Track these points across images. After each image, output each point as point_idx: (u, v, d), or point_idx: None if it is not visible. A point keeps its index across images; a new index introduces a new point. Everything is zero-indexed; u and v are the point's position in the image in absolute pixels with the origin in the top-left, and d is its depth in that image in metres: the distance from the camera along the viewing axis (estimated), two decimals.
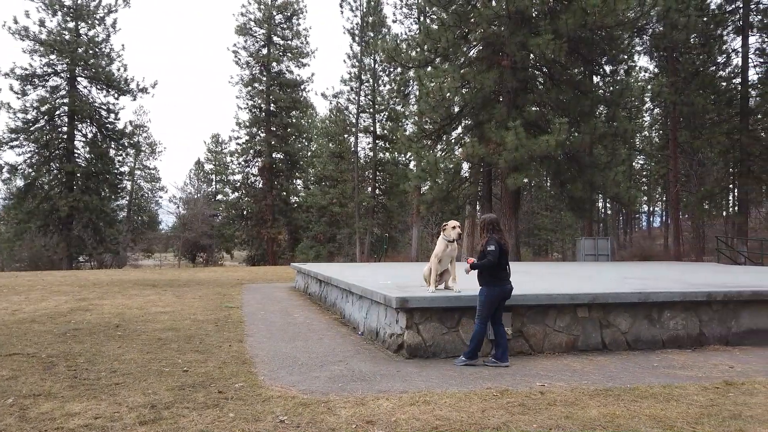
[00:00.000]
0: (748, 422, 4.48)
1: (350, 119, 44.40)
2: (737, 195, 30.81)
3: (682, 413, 4.71)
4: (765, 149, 27.80)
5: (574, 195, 22.02)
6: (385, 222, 45.79)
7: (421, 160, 23.11)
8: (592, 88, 23.65)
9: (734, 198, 33.61)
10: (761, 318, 7.99)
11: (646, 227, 58.22)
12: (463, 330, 7.10)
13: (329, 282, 11.43)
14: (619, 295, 7.51)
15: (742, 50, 27.75)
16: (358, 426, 4.30)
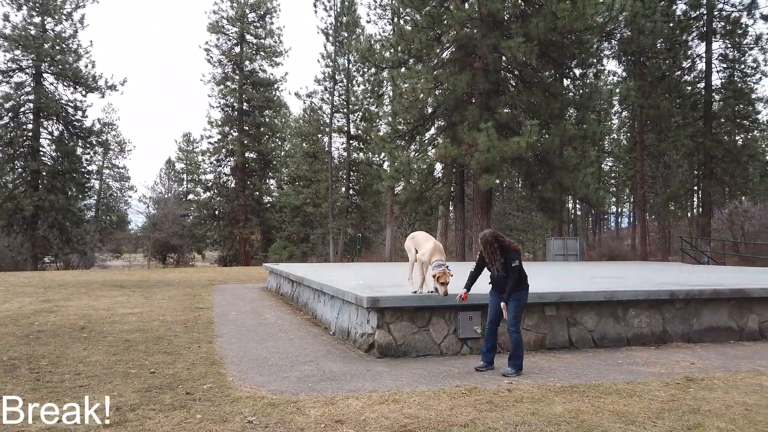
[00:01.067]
0: (706, 416, 4.62)
1: (324, 119, 44.26)
2: (701, 196, 31.71)
3: (644, 408, 4.84)
4: (727, 152, 28.68)
5: (545, 196, 22.37)
6: (359, 222, 45.76)
7: (394, 160, 23.16)
8: (562, 91, 24.05)
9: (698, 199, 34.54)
10: (721, 316, 8.25)
11: (614, 228, 59.44)
12: (434, 329, 7.16)
13: (301, 282, 11.39)
14: (586, 293, 7.67)
15: (705, 56, 28.58)
16: (327, 425, 4.30)
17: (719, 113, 29.45)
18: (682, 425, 4.41)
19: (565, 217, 41.96)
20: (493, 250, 6.09)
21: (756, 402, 5.05)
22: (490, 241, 6.12)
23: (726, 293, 8.23)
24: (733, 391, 5.44)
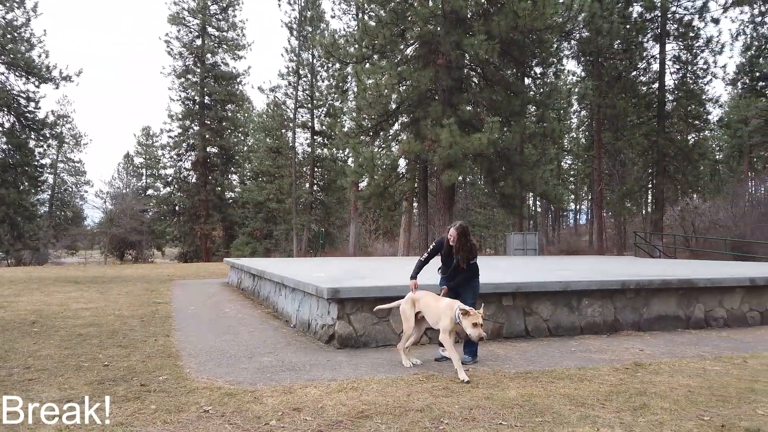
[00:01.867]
0: (651, 398, 4.83)
1: (288, 114, 43.90)
2: (654, 193, 32.82)
3: (593, 391, 5.02)
4: (679, 151, 29.76)
5: (505, 192, 22.77)
6: (323, 218, 45.60)
7: (358, 156, 23.18)
8: (523, 89, 24.50)
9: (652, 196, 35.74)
10: (669, 305, 8.60)
11: (572, 224, 60.95)
12: (394, 320, 7.23)
13: (262, 276, 11.31)
14: (542, 284, 7.87)
15: (659, 57, 29.54)
16: (285, 413, 4.31)
17: (672, 113, 30.52)
18: (629, 406, 4.59)
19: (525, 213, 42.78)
20: (466, 241, 6.19)
21: (698, 384, 5.29)
22: (467, 232, 6.22)
23: (674, 283, 8.57)
24: (677, 375, 5.69)
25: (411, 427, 4.03)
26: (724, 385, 5.28)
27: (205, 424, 4.03)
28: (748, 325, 9.04)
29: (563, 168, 50.87)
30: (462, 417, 4.27)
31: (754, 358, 6.49)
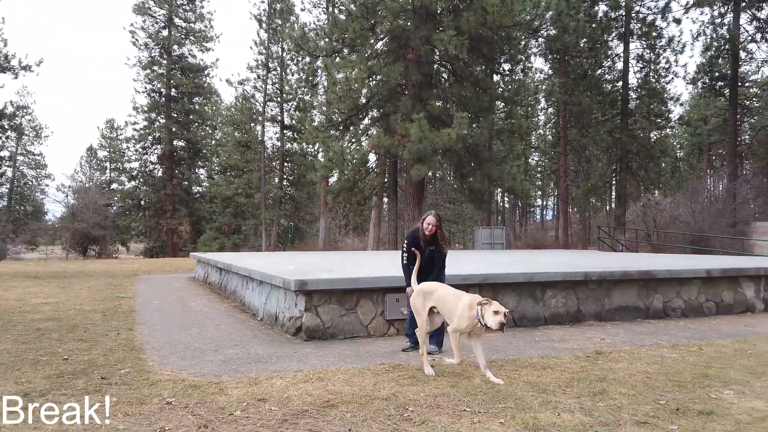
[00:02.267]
0: (611, 384, 4.97)
1: (257, 108, 43.39)
2: (617, 189, 33.64)
3: (555, 378, 5.14)
4: (641, 147, 30.54)
5: (474, 187, 23.00)
6: (293, 213, 45.30)
7: (328, 150, 23.08)
8: (492, 85, 24.74)
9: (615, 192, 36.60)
10: (630, 296, 8.84)
11: (539, 220, 62.02)
12: (362, 311, 7.25)
13: (229, 269, 11.19)
14: (508, 275, 8.00)
15: (623, 55, 30.23)
16: (249, 404, 4.29)
17: (635, 111, 31.28)
18: (589, 392, 4.72)
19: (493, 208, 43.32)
20: (442, 229, 6.23)
21: (656, 371, 5.47)
22: (441, 220, 6.27)
23: (634, 275, 8.82)
24: (636, 362, 5.86)
25: (376, 414, 4.06)
26: (680, 371, 5.46)
27: (168, 416, 3.98)
28: (705, 315, 9.36)
29: (530, 164, 51.67)
30: (427, 404, 4.32)
31: (708, 346, 6.73)
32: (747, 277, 9.84)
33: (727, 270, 9.62)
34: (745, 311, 9.74)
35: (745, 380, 5.11)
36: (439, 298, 5.44)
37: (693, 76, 32.32)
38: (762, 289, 9.98)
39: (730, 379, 5.15)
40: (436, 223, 6.09)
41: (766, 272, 9.97)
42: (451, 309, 5.27)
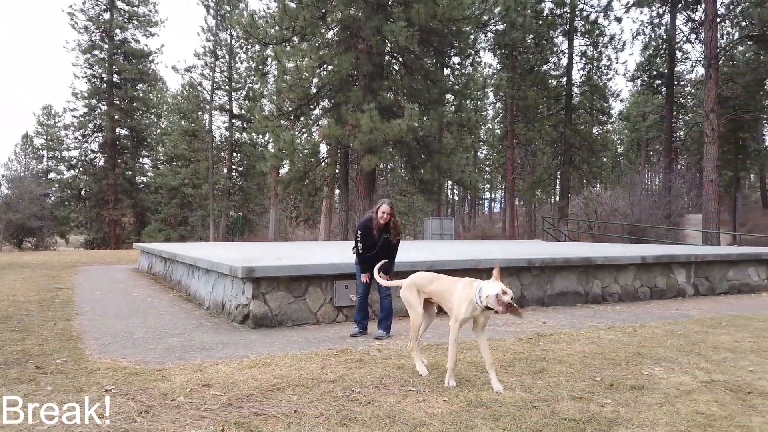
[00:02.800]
0: (550, 363, 5.17)
1: (204, 96, 42.31)
2: (561, 182, 34.75)
3: (498, 359, 5.31)
4: (584, 142, 31.64)
5: (424, 178, 23.24)
6: (242, 204, 44.52)
7: (278, 140, 22.76)
8: (442, 78, 25.00)
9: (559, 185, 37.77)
10: (570, 282, 9.18)
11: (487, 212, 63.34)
12: (310, 298, 7.24)
13: (174, 259, 10.92)
14: (454, 262, 8.15)
15: (568, 52, 31.18)
16: (193, 389, 4.23)
17: (578, 106, 32.34)
18: (529, 371, 4.90)
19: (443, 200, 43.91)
20: (395, 219, 6.26)
21: (592, 351, 5.72)
22: (394, 211, 6.28)
23: (575, 261, 9.16)
24: (575, 343, 6.11)
25: (323, 396, 4.08)
26: (615, 350, 5.74)
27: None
28: (640, 299, 9.83)
29: (479, 158, 52.59)
30: (373, 386, 4.38)
31: (642, 328, 7.09)
32: (679, 263, 10.39)
33: (660, 257, 10.12)
34: (676, 296, 10.29)
35: (674, 358, 5.42)
36: (437, 289, 4.89)
37: (632, 73, 33.70)
38: (692, 275, 10.57)
39: (661, 357, 5.45)
40: (390, 211, 6.17)
41: (696, 259, 10.56)
42: (449, 298, 4.70)
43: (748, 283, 11.24)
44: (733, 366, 5.12)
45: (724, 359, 5.39)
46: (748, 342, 6.22)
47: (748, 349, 5.84)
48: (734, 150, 34.41)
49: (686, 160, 39.96)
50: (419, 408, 3.85)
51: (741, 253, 11.40)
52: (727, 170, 34.38)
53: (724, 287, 10.89)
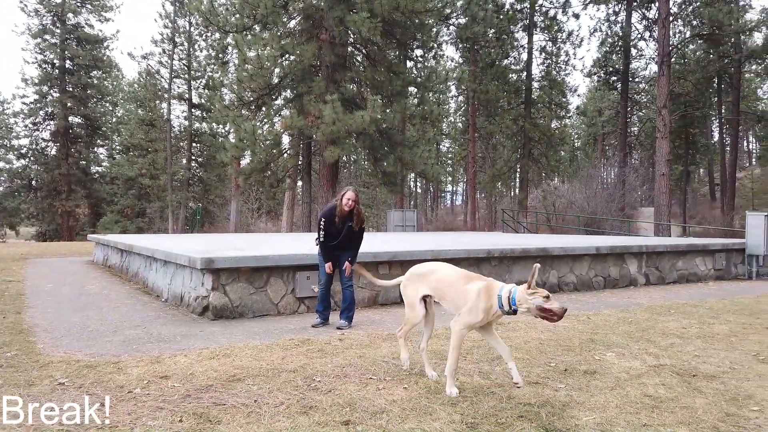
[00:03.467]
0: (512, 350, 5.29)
1: (162, 84, 41.24)
2: (521, 175, 35.42)
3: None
4: (542, 135, 32.29)
5: (387, 170, 23.27)
6: (202, 195, 43.69)
7: (239, 130, 22.38)
8: (404, 70, 25.04)
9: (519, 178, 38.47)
10: (528, 271, 9.37)
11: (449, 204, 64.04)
12: (272, 289, 7.20)
13: (131, 250, 10.65)
14: (415, 252, 8.23)
15: (527, 47, 31.69)
16: (151, 381, 4.17)
17: (538, 100, 32.95)
18: (487, 358, 5.02)
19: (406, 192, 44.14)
20: (359, 207, 6.26)
21: (548, 338, 5.89)
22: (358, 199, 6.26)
23: (533, 251, 9.39)
24: (531, 331, 6.27)
25: (283, 386, 4.09)
26: (569, 337, 5.92)
27: (60, 396, 3.78)
28: (594, 288, 10.16)
29: (442, 150, 53.03)
30: (334, 374, 4.41)
31: (596, 316, 7.33)
32: (631, 254, 10.77)
33: (614, 248, 10.47)
34: (629, 285, 10.67)
35: (625, 344, 5.64)
36: (439, 282, 4.36)
37: (589, 69, 34.55)
38: (644, 265, 10.97)
39: (613, 343, 5.66)
40: (355, 198, 6.16)
41: (647, 250, 10.96)
42: (457, 296, 4.15)
43: (696, 273, 11.74)
44: (680, 351, 5.37)
45: (672, 345, 5.63)
46: (694, 328, 6.52)
47: (694, 335, 6.13)
48: (684, 145, 35.73)
49: (640, 154, 41.26)
50: (379, 395, 3.90)
51: (690, 244, 11.89)
52: (677, 165, 35.68)
53: (673, 276, 11.35)
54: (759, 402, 3.88)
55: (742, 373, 4.62)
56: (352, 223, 6.25)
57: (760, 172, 40.23)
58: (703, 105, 35.19)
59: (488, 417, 3.51)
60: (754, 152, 51.04)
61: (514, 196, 43.50)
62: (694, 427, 3.39)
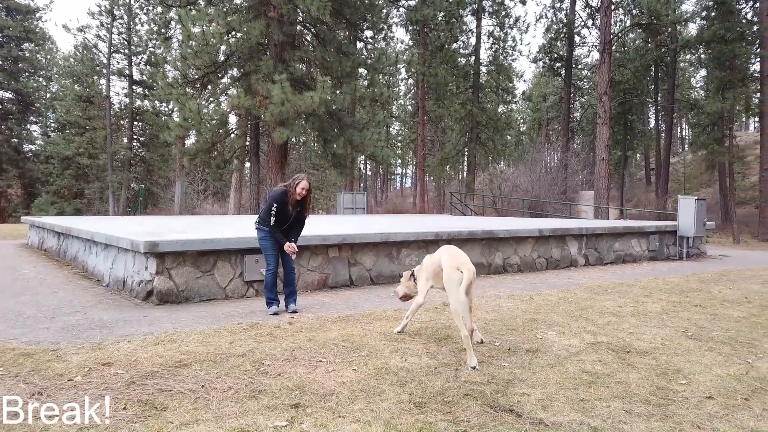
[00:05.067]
0: (454, 330, 5.43)
1: (101, 59, 39.29)
2: (468, 159, 35.98)
3: (406, 328, 5.50)
4: (489, 119, 32.84)
5: (337, 152, 23.15)
6: (145, 176, 42.17)
7: (183, 108, 21.65)
8: (354, 51, 24.81)
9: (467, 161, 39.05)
10: (475, 253, 9.62)
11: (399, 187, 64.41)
12: (219, 273, 7.08)
13: (69, 233, 10.21)
14: (365, 235, 8.28)
15: (476, 31, 31.99)
16: (92, 368, 4.05)
17: (485, 85, 33.41)
18: (435, 339, 5.13)
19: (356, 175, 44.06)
20: (310, 195, 6.25)
21: (493, 318, 6.08)
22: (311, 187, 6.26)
23: (479, 234, 9.60)
24: (478, 311, 6.43)
25: (232, 371, 4.06)
26: (513, 317, 6.13)
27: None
28: (537, 269, 10.51)
29: (391, 133, 53.11)
30: (284, 358, 4.41)
31: (538, 296, 7.61)
32: (572, 236, 11.19)
33: (556, 230, 10.85)
34: (569, 266, 11.10)
35: (565, 323, 5.89)
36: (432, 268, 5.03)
37: (535, 55, 35.24)
38: (584, 246, 11.43)
39: (553, 322, 5.89)
40: (308, 188, 6.19)
41: (587, 232, 11.42)
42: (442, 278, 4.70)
43: (632, 254, 12.34)
44: (616, 329, 5.65)
45: (608, 323, 5.93)
46: (629, 307, 6.88)
47: (629, 313, 6.46)
48: (623, 131, 37.16)
49: (582, 139, 42.63)
50: (329, 378, 3.94)
51: (626, 227, 12.46)
52: (616, 150, 37.11)
53: (611, 257, 11.88)
54: (687, 375, 4.15)
55: (672, 348, 4.93)
56: (301, 209, 6.25)
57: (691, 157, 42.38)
58: (640, 92, 36.64)
59: (435, 396, 3.60)
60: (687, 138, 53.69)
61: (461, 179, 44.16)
62: (628, 400, 3.60)
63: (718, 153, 25.89)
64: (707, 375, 4.17)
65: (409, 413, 3.31)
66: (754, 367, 4.41)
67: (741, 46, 24.37)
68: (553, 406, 3.47)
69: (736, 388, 3.89)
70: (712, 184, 36.81)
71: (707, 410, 3.46)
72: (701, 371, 4.26)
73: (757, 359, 4.64)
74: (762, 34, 23.42)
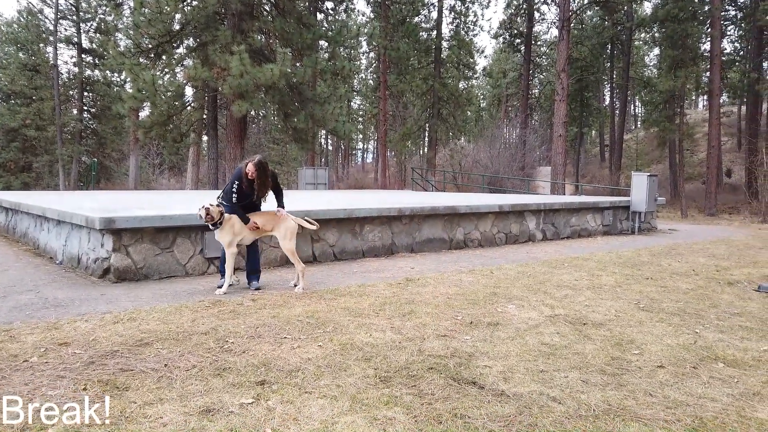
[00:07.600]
0: (418, 305, 5.52)
1: (47, 26, 37.22)
2: (429, 134, 36.09)
3: (370, 303, 5.55)
4: (451, 95, 32.90)
5: (298, 126, 22.80)
6: (97, 149, 40.54)
7: (137, 79, 20.81)
8: (315, 23, 24.29)
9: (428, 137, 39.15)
10: (437, 229, 9.73)
11: (360, 162, 64.16)
12: (179, 250, 6.95)
13: (18, 209, 9.81)
14: (329, 212, 8.25)
15: (438, 5, 31.78)
16: (49, 349, 3.94)
17: (447, 60, 33.36)
18: (399, 313, 5.20)
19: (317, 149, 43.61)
20: (266, 177, 6.05)
21: (455, 292, 6.19)
22: (265, 167, 6.04)
23: (441, 210, 9.70)
24: (440, 286, 6.56)
25: (195, 348, 4.02)
26: (474, 291, 6.26)
27: None
28: (497, 244, 10.73)
29: (353, 108, 52.60)
30: (248, 335, 4.39)
31: (498, 270, 7.78)
32: (530, 211, 11.44)
33: (515, 206, 11.06)
34: (528, 240, 11.37)
35: (524, 296, 6.06)
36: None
37: (496, 31, 35.35)
38: (541, 221, 11.71)
39: (513, 296, 6.05)
40: (254, 172, 5.96)
41: (545, 207, 11.69)
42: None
43: (587, 228, 12.72)
44: (572, 301, 5.85)
45: (565, 296, 6.13)
46: (585, 280, 7.11)
47: (585, 287, 6.69)
48: (579, 108, 37.88)
49: (540, 116, 43.25)
50: (294, 354, 3.95)
51: (582, 202, 12.82)
52: (573, 126, 37.85)
53: (567, 232, 12.22)
54: (639, 346, 4.35)
55: (626, 320, 5.14)
56: (262, 192, 6.16)
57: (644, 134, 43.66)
58: (597, 70, 37.31)
59: (400, 370, 3.67)
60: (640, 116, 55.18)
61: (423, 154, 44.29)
62: (585, 371, 3.75)
63: (669, 130, 26.69)
64: (658, 345, 4.38)
65: (374, 388, 3.37)
66: (701, 336, 4.66)
67: (693, 26, 24.99)
68: (514, 378, 3.58)
69: (685, 357, 4.11)
70: (663, 161, 38.08)
71: (659, 379, 3.65)
72: (653, 341, 4.47)
73: (704, 329, 4.89)
74: (713, 14, 24.10)
